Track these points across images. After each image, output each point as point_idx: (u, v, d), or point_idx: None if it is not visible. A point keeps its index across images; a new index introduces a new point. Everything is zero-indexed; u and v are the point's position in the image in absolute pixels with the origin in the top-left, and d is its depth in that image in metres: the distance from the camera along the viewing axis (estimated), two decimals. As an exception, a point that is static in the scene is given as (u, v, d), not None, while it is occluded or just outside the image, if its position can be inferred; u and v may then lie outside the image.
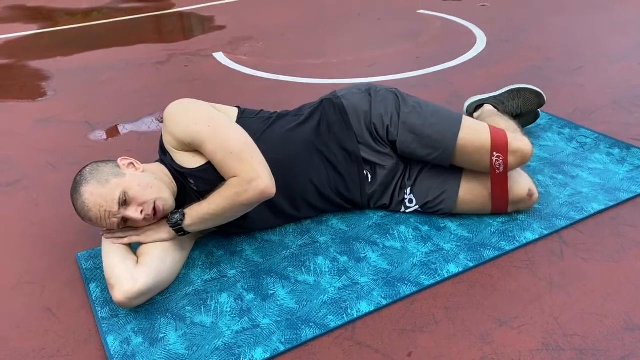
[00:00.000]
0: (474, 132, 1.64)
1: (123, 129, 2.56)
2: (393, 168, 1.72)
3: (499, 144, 1.61)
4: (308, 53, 3.54)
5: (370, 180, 1.72)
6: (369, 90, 1.74)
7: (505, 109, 2.07)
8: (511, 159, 1.62)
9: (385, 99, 1.70)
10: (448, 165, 1.68)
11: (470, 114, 2.11)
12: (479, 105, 2.10)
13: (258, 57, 3.50)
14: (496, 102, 2.09)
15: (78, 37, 4.21)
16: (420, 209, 1.75)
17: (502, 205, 1.70)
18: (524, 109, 2.12)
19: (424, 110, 1.67)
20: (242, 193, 1.41)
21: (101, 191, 1.41)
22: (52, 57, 3.73)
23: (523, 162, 1.64)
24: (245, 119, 1.64)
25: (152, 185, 1.46)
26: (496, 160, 1.61)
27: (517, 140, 1.64)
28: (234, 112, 1.66)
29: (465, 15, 4.20)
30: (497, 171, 1.63)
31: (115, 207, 1.41)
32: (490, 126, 1.66)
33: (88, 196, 1.41)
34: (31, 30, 4.45)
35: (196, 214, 1.45)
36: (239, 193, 1.41)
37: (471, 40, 3.60)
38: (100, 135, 2.51)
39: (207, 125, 1.48)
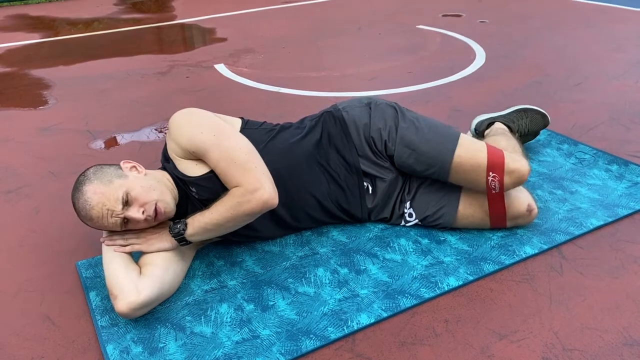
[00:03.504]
0: (471, 151, 1.64)
1: (124, 138, 2.57)
2: (393, 181, 1.73)
3: (495, 164, 1.62)
4: (309, 66, 3.57)
5: (370, 192, 1.73)
6: (369, 104, 1.75)
7: (517, 127, 2.09)
8: (507, 180, 1.62)
9: (384, 113, 1.72)
10: (447, 181, 1.69)
11: (481, 131, 2.12)
12: (490, 123, 2.11)
13: (259, 69, 3.52)
14: (507, 120, 2.10)
15: (80, 46, 4.23)
16: (420, 223, 1.75)
17: (500, 222, 1.71)
18: (531, 129, 2.14)
19: (422, 126, 1.68)
20: (244, 203, 1.42)
21: (104, 190, 1.42)
22: (53, 66, 3.75)
23: (519, 183, 1.64)
24: (249, 129, 1.65)
25: (154, 187, 1.47)
26: (492, 180, 1.62)
27: (515, 160, 1.64)
28: (238, 122, 1.67)
29: (465, 31, 4.25)
30: (493, 191, 1.64)
31: (119, 207, 1.41)
32: (487, 145, 1.67)
33: (91, 195, 1.41)
34: (33, 39, 4.47)
35: (198, 223, 1.45)
36: (241, 203, 1.42)
37: (470, 56, 3.63)
38: (101, 144, 2.52)
39: (212, 134, 1.50)
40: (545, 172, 2.08)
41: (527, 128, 2.12)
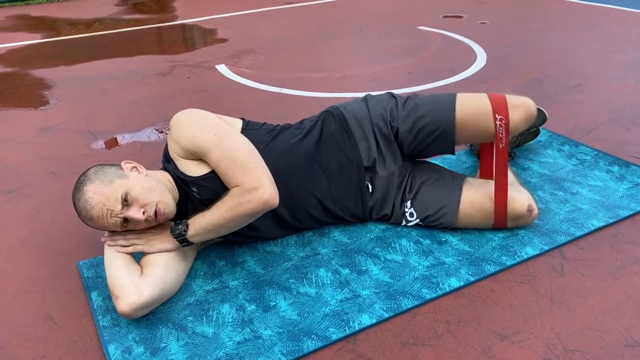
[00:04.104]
0: (471, 98, 1.68)
1: (125, 138, 2.58)
2: (393, 176, 1.73)
3: (499, 104, 1.63)
4: (310, 67, 3.57)
5: (370, 190, 1.74)
6: (365, 98, 1.80)
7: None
8: (514, 115, 1.63)
9: (380, 101, 1.76)
10: (454, 144, 1.70)
11: None
12: None
13: (260, 70, 3.52)
14: None
15: (81, 47, 4.23)
16: (421, 223, 1.76)
17: (501, 212, 1.68)
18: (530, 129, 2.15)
19: (419, 97, 1.74)
20: (245, 202, 1.42)
21: (104, 190, 1.42)
22: (55, 66, 3.75)
23: (528, 117, 1.65)
24: (249, 130, 1.66)
25: (155, 188, 1.47)
26: (499, 125, 1.62)
27: (516, 98, 1.68)
28: (239, 123, 1.68)
29: (465, 32, 4.25)
30: (501, 145, 1.63)
31: (119, 207, 1.41)
32: (488, 93, 1.71)
33: (91, 194, 1.41)
34: (34, 40, 4.47)
35: (199, 224, 1.46)
36: (242, 202, 1.42)
37: (471, 57, 3.63)
38: (102, 144, 2.52)
39: (213, 135, 1.50)
40: (546, 173, 2.08)
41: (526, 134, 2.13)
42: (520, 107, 1.65)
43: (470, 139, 1.71)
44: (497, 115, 1.62)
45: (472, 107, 1.66)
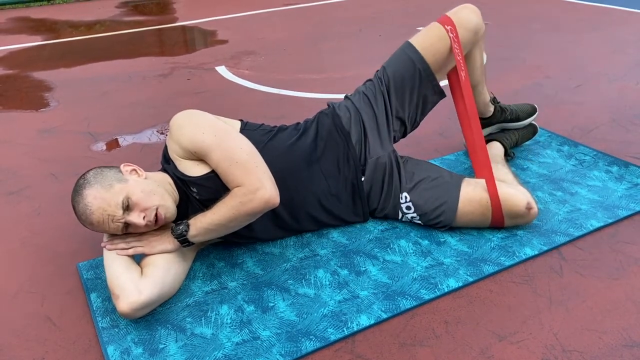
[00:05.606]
0: (420, 32, 1.83)
1: (125, 140, 2.58)
2: (382, 160, 1.75)
3: (442, 19, 1.80)
4: (310, 68, 3.57)
5: (363, 180, 1.75)
6: (345, 96, 1.88)
7: (507, 105, 2.15)
8: (459, 15, 1.78)
9: (357, 90, 1.87)
10: (434, 76, 1.79)
11: None
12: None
13: (260, 71, 3.53)
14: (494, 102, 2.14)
15: (81, 49, 4.24)
16: (419, 221, 1.76)
17: (496, 199, 1.68)
18: (521, 114, 2.16)
19: (383, 66, 1.87)
20: (246, 202, 1.43)
21: (105, 195, 1.42)
22: (55, 68, 3.76)
23: (472, 11, 1.80)
24: (247, 130, 1.66)
25: (155, 192, 1.47)
26: (452, 37, 1.75)
27: (454, 9, 1.83)
28: (237, 124, 1.69)
29: (466, 32, 4.24)
30: (462, 74, 1.78)
31: (120, 212, 1.42)
32: None
33: (91, 199, 1.41)
34: (35, 42, 4.49)
35: (200, 224, 1.46)
36: (243, 202, 1.43)
37: (471, 58, 3.63)
38: (103, 146, 2.53)
39: (213, 135, 1.50)
40: (545, 174, 2.08)
41: (517, 113, 2.16)
42: (461, 9, 1.81)
43: (442, 60, 1.79)
44: (446, 27, 1.76)
45: (424, 33, 1.81)
